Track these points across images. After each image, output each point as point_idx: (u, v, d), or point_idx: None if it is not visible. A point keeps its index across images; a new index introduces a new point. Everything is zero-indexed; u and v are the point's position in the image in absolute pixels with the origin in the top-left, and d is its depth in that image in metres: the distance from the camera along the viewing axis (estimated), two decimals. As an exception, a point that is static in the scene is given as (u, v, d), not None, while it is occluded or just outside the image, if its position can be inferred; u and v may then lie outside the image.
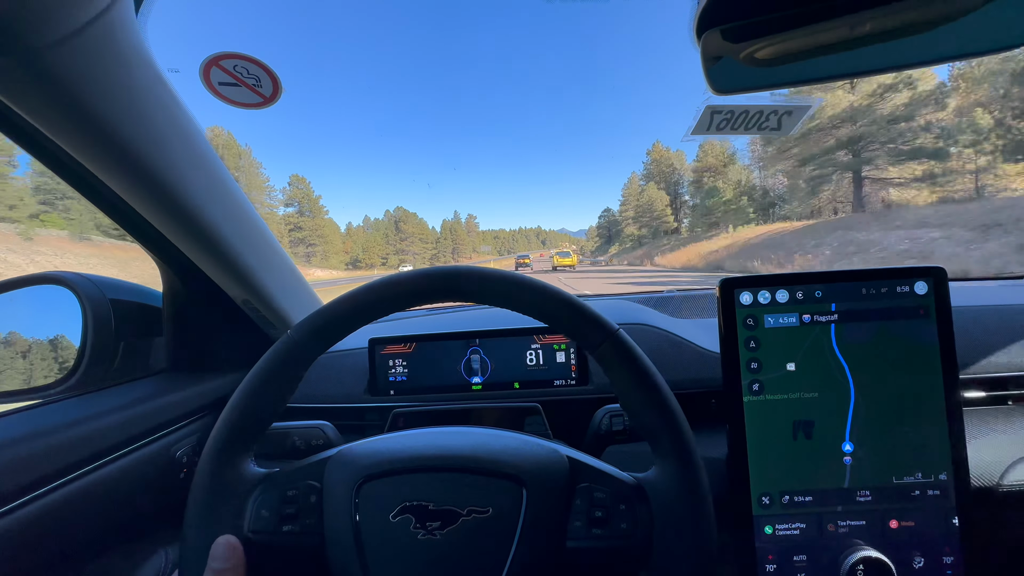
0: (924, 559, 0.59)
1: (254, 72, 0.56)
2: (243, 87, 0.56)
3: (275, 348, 0.46)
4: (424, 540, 0.41)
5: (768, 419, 0.61)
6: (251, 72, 0.56)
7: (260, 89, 0.57)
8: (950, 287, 0.61)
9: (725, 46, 0.58)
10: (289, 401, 0.48)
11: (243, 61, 0.55)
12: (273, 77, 0.56)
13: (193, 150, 0.57)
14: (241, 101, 0.57)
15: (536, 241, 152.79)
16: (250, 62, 0.55)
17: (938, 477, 0.60)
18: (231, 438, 0.44)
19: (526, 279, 0.46)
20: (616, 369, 0.44)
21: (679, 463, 0.42)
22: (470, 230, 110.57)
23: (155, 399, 0.70)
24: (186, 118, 0.55)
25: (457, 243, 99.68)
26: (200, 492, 0.43)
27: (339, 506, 0.42)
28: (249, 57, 0.55)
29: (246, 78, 0.56)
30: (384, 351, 0.81)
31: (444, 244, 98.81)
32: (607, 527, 0.41)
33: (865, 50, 0.58)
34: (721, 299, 0.62)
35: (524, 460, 0.44)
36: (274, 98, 0.58)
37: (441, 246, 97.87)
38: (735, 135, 0.77)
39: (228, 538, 0.41)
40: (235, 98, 0.57)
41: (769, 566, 0.60)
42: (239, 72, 0.55)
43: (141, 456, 0.65)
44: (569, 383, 0.78)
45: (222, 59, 0.54)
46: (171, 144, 0.53)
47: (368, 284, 0.46)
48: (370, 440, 0.48)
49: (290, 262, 0.84)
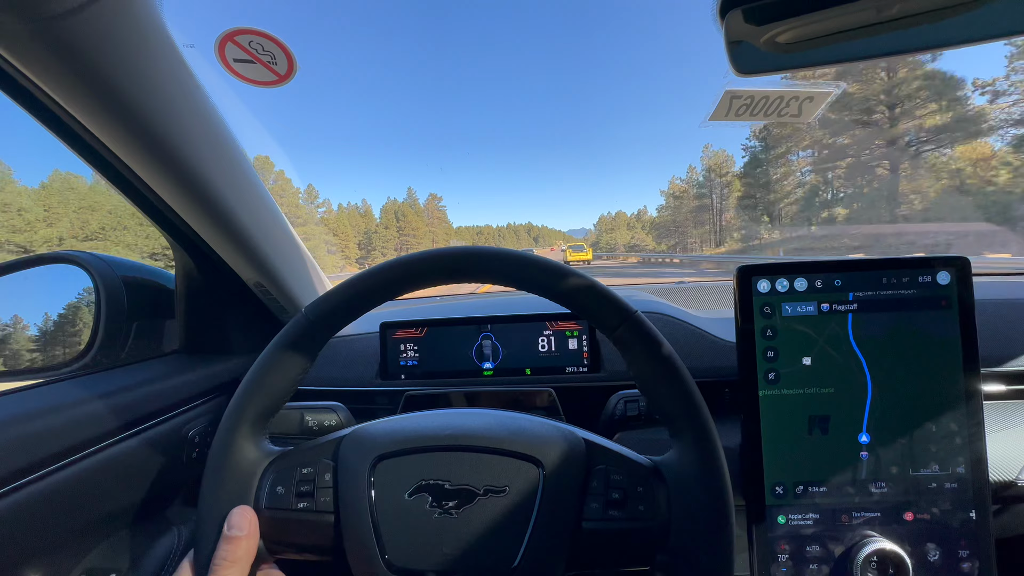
0: (939, 552, 0.58)
1: (269, 49, 0.55)
2: (258, 64, 0.55)
3: (291, 324, 0.46)
4: (440, 518, 0.41)
5: (783, 413, 0.60)
6: (266, 49, 0.55)
7: (275, 67, 0.56)
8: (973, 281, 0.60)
9: (747, 29, 0.57)
10: (304, 379, 0.48)
11: (258, 37, 0.54)
12: (288, 54, 0.55)
13: (208, 128, 0.56)
14: (256, 79, 0.56)
15: (527, 238, 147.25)
16: (266, 38, 0.54)
17: (956, 470, 0.59)
18: (247, 413, 0.44)
19: (545, 260, 0.45)
20: (635, 351, 0.43)
21: (697, 445, 0.41)
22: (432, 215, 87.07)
23: (167, 379, 0.70)
24: (201, 94, 0.54)
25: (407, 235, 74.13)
26: (216, 464, 0.43)
27: (354, 484, 0.42)
28: (265, 33, 0.54)
29: (261, 55, 0.55)
30: (395, 335, 0.81)
31: (382, 235, 73.36)
32: (624, 509, 0.41)
33: (890, 32, 0.57)
34: (738, 287, 0.61)
35: (542, 441, 0.43)
36: (288, 76, 0.57)
37: (379, 237, 72.70)
38: (754, 121, 0.75)
39: (244, 508, 0.42)
40: (250, 75, 0.56)
41: (782, 556, 0.59)
42: (254, 49, 0.55)
43: (153, 435, 0.65)
44: (581, 370, 0.78)
45: (237, 35, 0.53)
46: (186, 120, 0.53)
47: (386, 263, 0.46)
48: (385, 420, 0.48)
49: (302, 247, 0.84)
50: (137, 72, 0.46)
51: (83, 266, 0.74)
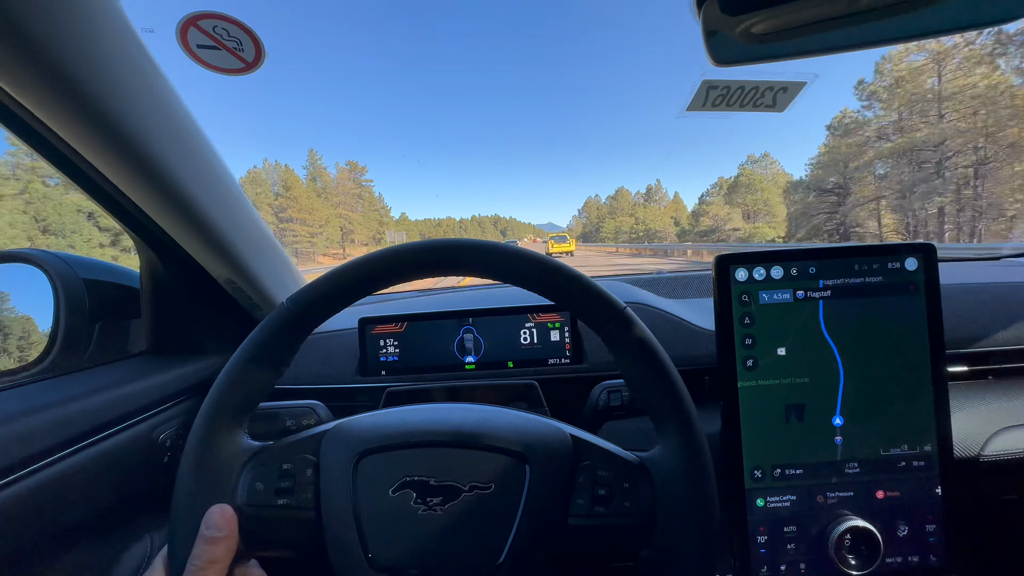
0: (908, 527, 0.61)
1: (235, 35, 0.52)
2: (223, 51, 0.53)
3: (274, 314, 0.44)
4: (424, 515, 0.40)
5: (761, 403, 0.61)
6: (232, 34, 0.52)
7: (242, 53, 0.54)
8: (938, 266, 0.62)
9: (722, 19, 0.57)
10: (285, 373, 0.46)
11: (223, 22, 0.51)
12: (256, 41, 0.53)
13: (171, 117, 0.53)
14: (222, 66, 0.54)
15: (494, 230, 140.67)
16: (231, 23, 0.51)
17: (923, 448, 0.61)
18: (223, 409, 0.43)
19: (533, 254, 0.45)
20: (623, 348, 0.44)
21: (683, 443, 0.42)
22: (347, 192, 66.10)
23: (134, 382, 0.68)
24: (162, 81, 0.51)
25: (289, 220, 50.90)
26: (191, 462, 0.42)
27: (337, 480, 0.41)
28: (230, 18, 0.51)
29: (227, 41, 0.52)
30: (375, 331, 0.79)
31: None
32: (610, 505, 0.41)
33: (863, 24, 0.58)
34: (717, 276, 0.62)
35: (528, 437, 0.43)
36: (256, 63, 0.54)
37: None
38: (731, 111, 0.76)
39: (222, 506, 0.40)
40: (215, 63, 0.53)
41: (760, 537, 0.61)
42: (219, 34, 0.52)
43: (120, 440, 0.62)
44: (563, 361, 0.78)
45: (200, 19, 0.50)
46: (146, 109, 0.50)
47: (368, 255, 0.45)
48: (369, 414, 0.47)
49: (275, 241, 0.81)
50: (90, 57, 0.43)
51: (39, 265, 0.70)
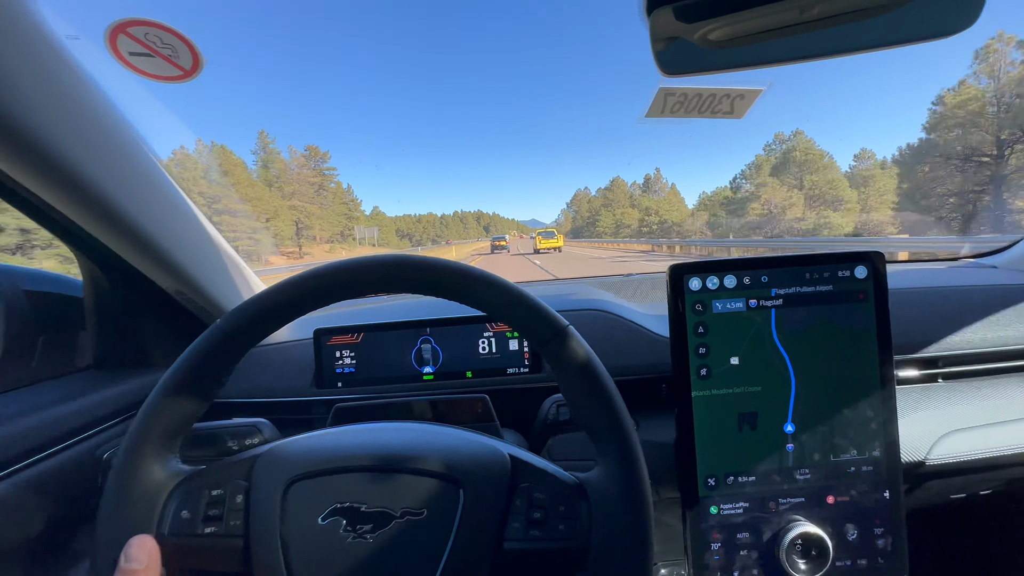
0: (857, 531, 0.62)
1: (169, 41, 0.50)
2: (158, 58, 0.51)
3: (202, 338, 0.43)
4: (354, 543, 0.39)
5: (715, 412, 0.62)
6: (165, 42, 0.50)
7: (178, 61, 0.52)
8: (888, 270, 0.63)
9: (677, 26, 0.57)
10: (218, 394, 0.45)
11: (155, 29, 0.49)
12: (191, 48, 0.51)
13: (99, 125, 0.51)
14: (158, 74, 0.52)
15: (477, 226, 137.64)
16: (164, 30, 0.49)
17: (872, 454, 0.62)
18: (151, 434, 0.41)
19: (474, 270, 0.44)
20: (564, 367, 0.43)
21: (622, 465, 0.41)
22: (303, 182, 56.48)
23: (79, 398, 0.65)
24: (87, 88, 0.49)
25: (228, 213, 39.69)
26: (115, 489, 0.40)
27: (266, 507, 0.40)
28: (161, 25, 0.49)
29: (160, 48, 0.50)
30: (330, 342, 0.78)
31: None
32: (544, 528, 0.41)
33: (817, 34, 0.58)
34: (671, 285, 0.62)
35: (463, 459, 0.42)
36: (195, 71, 0.52)
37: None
38: (689, 118, 0.76)
39: (143, 537, 0.39)
40: (150, 70, 0.51)
41: (714, 544, 0.62)
42: (151, 42, 0.50)
43: (64, 459, 0.60)
44: (522, 371, 0.78)
45: (130, 26, 0.48)
46: (71, 117, 0.48)
47: (307, 272, 0.44)
48: (303, 437, 0.46)
49: (226, 247, 0.79)
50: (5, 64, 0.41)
51: (-26, 278, 0.67)
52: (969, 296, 0.84)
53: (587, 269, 14.26)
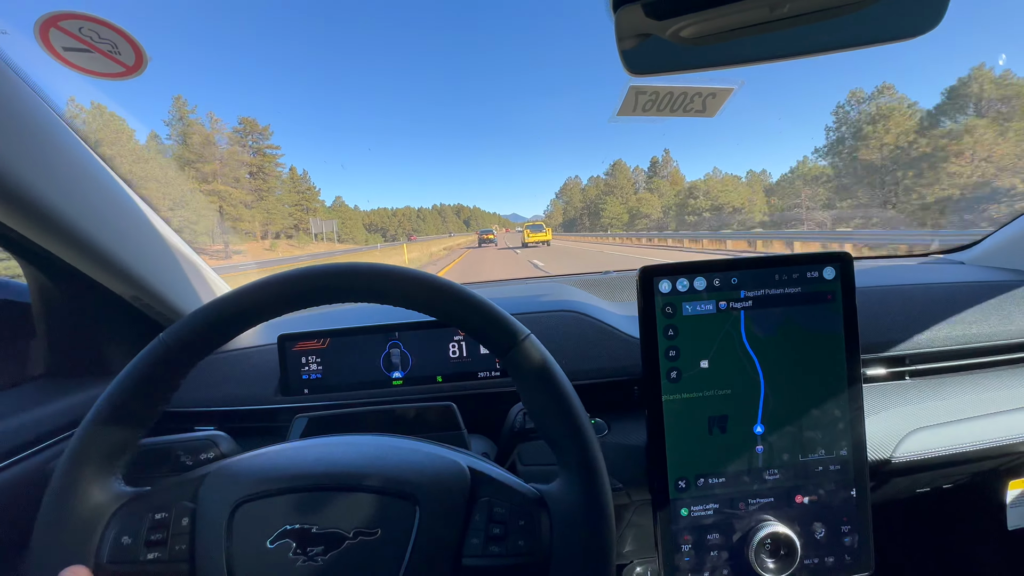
0: (825, 530, 0.62)
1: (108, 36, 0.47)
2: (96, 53, 0.48)
3: (145, 352, 0.41)
4: (304, 567, 0.38)
5: (684, 415, 0.62)
6: (104, 36, 0.47)
7: (119, 57, 0.49)
8: (856, 267, 0.64)
9: (647, 23, 0.56)
10: (167, 409, 0.43)
11: (91, 23, 0.46)
12: (133, 44, 0.48)
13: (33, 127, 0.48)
14: (97, 70, 0.49)
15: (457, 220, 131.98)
16: (101, 25, 0.46)
17: (839, 453, 0.63)
18: (88, 454, 0.39)
19: (430, 277, 0.43)
20: (524, 377, 0.42)
21: (583, 477, 0.41)
22: (230, 157, 46.02)
23: (28, 410, 0.62)
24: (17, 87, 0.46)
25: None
26: (50, 514, 0.38)
27: (212, 531, 0.39)
28: (98, 19, 0.46)
29: (99, 43, 0.47)
30: (296, 348, 0.76)
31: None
32: (504, 544, 0.40)
33: (786, 33, 0.57)
34: (641, 287, 0.61)
35: (419, 475, 0.41)
36: (138, 67, 0.49)
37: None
38: (661, 116, 0.75)
39: (73, 569, 0.37)
40: (88, 66, 0.48)
41: (685, 546, 0.62)
42: (87, 36, 0.47)
43: (12, 476, 0.58)
44: (493, 375, 0.76)
45: (62, 19, 0.45)
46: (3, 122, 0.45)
47: (258, 282, 0.42)
48: (253, 455, 0.44)
49: (183, 248, 0.76)
50: None
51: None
52: (936, 294, 0.85)
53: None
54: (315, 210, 56.09)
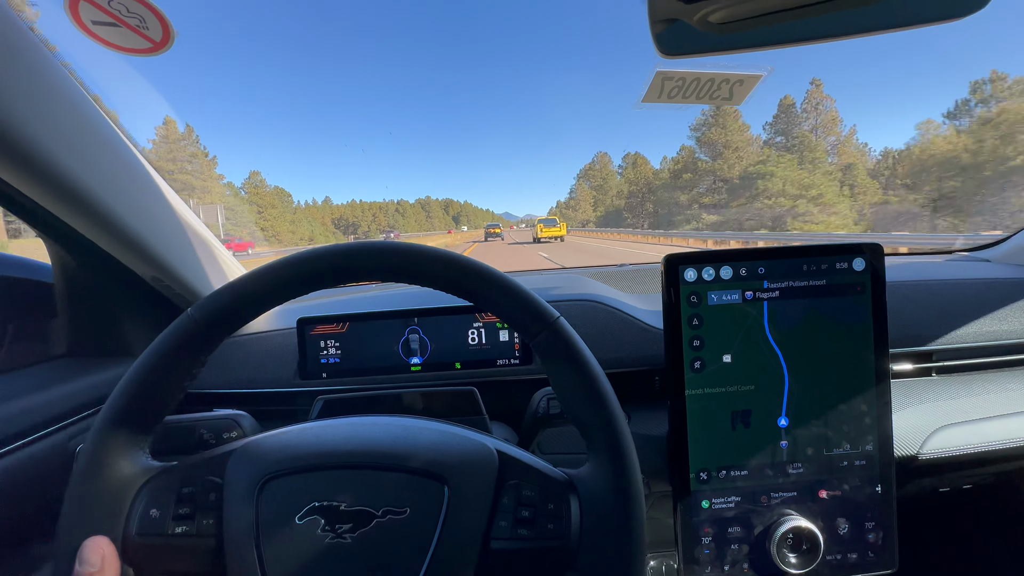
0: (849, 525, 0.61)
1: (137, 11, 0.47)
2: (124, 28, 0.47)
3: (172, 328, 0.41)
4: (332, 543, 0.38)
5: (708, 410, 0.61)
6: (132, 11, 0.47)
7: (147, 32, 0.48)
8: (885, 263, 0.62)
9: (677, 7, 0.54)
10: (187, 388, 0.43)
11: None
12: (162, 19, 0.48)
13: (64, 105, 0.48)
14: (125, 45, 0.48)
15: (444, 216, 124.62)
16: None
17: (864, 448, 0.62)
18: (117, 428, 0.39)
19: (462, 259, 0.42)
20: (554, 360, 0.42)
21: (613, 461, 0.40)
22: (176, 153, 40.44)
23: (50, 388, 0.63)
24: (51, 65, 0.46)
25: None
26: (79, 486, 0.38)
27: (240, 506, 0.39)
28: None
29: (127, 17, 0.47)
30: (314, 332, 0.76)
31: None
32: (533, 527, 0.39)
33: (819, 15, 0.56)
34: (666, 276, 0.60)
35: (448, 456, 0.41)
36: (165, 44, 0.49)
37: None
38: (687, 103, 0.74)
39: (98, 539, 0.37)
40: (116, 41, 0.48)
41: (705, 538, 0.61)
42: (116, 10, 0.46)
43: (33, 452, 0.58)
44: (512, 362, 0.76)
45: (92, -9, 0.45)
46: (34, 97, 0.45)
47: (285, 259, 0.42)
48: (280, 432, 0.44)
49: (201, 231, 0.76)
50: None
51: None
52: (964, 290, 0.83)
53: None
54: (209, 190, 43.52)
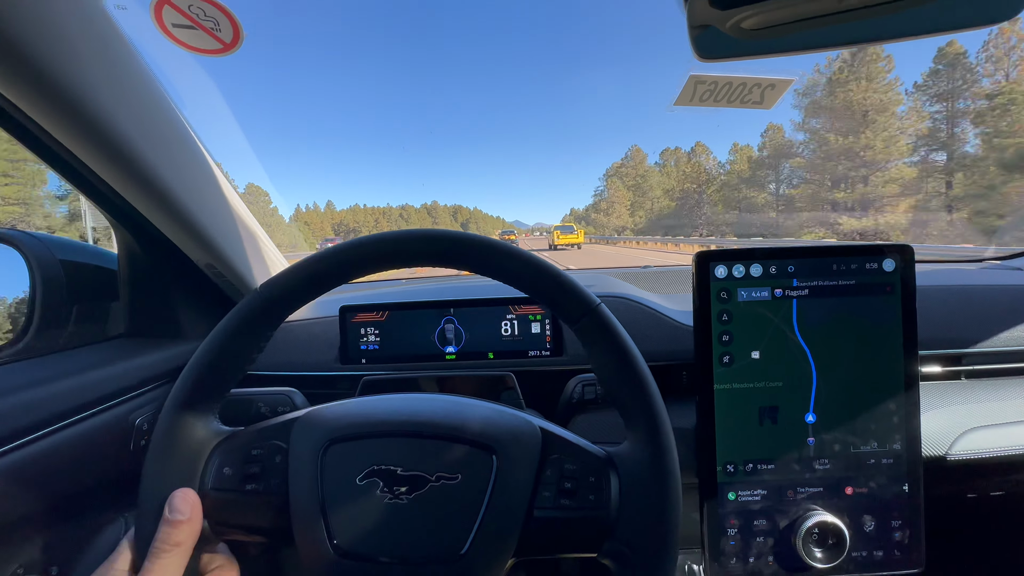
0: (875, 523, 0.62)
1: (212, 14, 0.51)
2: (200, 30, 0.52)
3: (245, 302, 0.44)
4: (390, 504, 0.40)
5: (735, 405, 0.62)
6: (208, 14, 0.51)
7: (219, 34, 0.52)
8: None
9: (712, 13, 0.56)
10: (256, 360, 0.46)
11: (199, 1, 0.50)
12: (233, 21, 0.52)
13: (145, 97, 0.52)
14: (199, 46, 0.53)
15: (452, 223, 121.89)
16: (207, 2, 0.50)
17: (892, 447, 0.62)
18: (195, 392, 0.43)
19: (509, 246, 0.45)
20: (596, 344, 0.44)
21: (651, 439, 0.42)
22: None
23: (112, 364, 0.67)
24: (134, 60, 0.50)
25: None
26: (160, 445, 0.42)
27: (304, 467, 0.42)
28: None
29: (203, 20, 0.51)
30: (355, 319, 0.79)
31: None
32: (575, 498, 0.42)
33: (854, 21, 0.57)
34: (696, 272, 0.62)
35: (496, 429, 0.43)
36: (234, 45, 0.53)
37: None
38: (718, 106, 0.76)
39: (185, 490, 0.40)
40: (191, 43, 0.52)
41: (731, 530, 0.62)
42: (195, 13, 0.51)
43: (97, 423, 0.62)
44: (543, 354, 0.78)
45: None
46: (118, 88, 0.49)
47: (345, 243, 0.45)
48: (339, 403, 0.47)
49: (255, 226, 0.81)
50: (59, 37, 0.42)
51: (15, 245, 0.69)
52: (995, 296, 0.83)
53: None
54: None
